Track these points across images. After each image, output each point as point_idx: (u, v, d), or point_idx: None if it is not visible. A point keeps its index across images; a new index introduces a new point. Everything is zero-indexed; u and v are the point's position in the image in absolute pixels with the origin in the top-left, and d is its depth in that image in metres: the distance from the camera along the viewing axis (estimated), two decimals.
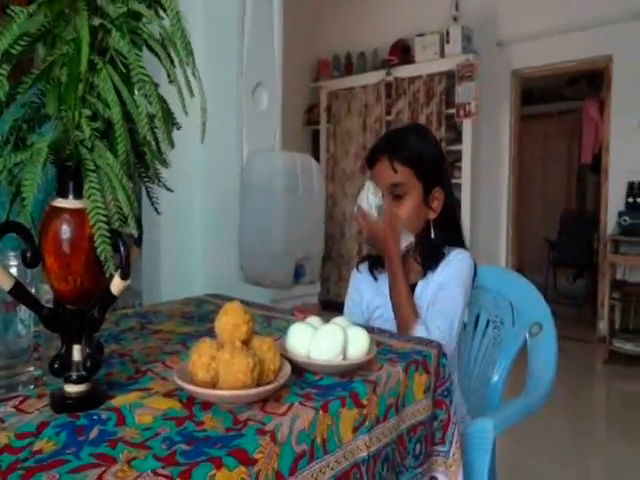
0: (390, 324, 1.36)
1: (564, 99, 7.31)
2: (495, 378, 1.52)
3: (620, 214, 4.40)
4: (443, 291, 1.30)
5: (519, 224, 5.34)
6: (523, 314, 1.53)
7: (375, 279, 1.46)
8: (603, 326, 4.50)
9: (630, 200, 4.42)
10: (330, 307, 3.95)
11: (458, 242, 1.40)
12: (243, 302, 1.36)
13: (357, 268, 1.51)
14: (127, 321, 1.18)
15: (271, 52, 2.95)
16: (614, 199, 4.61)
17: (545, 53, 4.85)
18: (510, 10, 5.01)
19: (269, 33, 2.95)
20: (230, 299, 1.40)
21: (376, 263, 1.46)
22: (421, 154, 1.34)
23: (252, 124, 2.79)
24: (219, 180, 2.67)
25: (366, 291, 1.47)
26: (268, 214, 2.57)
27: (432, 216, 1.36)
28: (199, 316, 1.23)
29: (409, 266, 1.39)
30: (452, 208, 1.41)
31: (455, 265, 1.33)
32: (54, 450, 0.60)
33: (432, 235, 1.36)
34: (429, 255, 1.36)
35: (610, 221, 4.62)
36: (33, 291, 0.80)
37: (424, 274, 1.37)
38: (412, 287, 1.36)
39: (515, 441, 2.43)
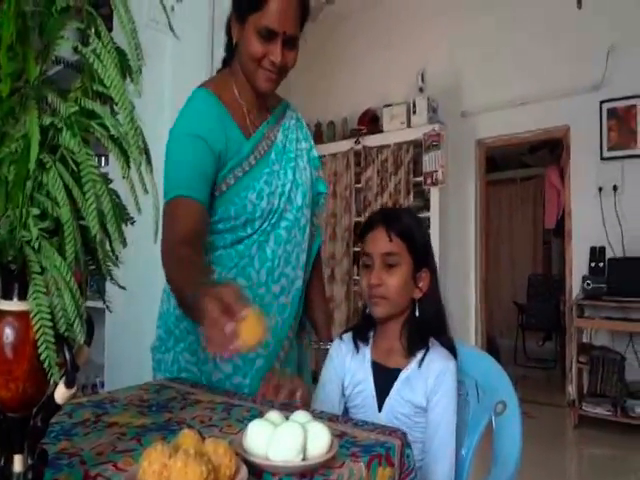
0: (371, 400, 1.37)
1: (527, 166, 7.55)
2: (463, 454, 1.49)
3: (584, 278, 4.48)
4: (439, 426, 1.32)
5: (488, 289, 5.39)
6: (488, 392, 1.52)
7: (357, 350, 1.45)
8: (572, 390, 4.50)
9: (593, 264, 4.51)
10: None
11: (442, 331, 1.42)
12: (206, 391, 1.32)
13: (340, 337, 1.50)
14: (81, 412, 1.12)
15: None
16: (578, 263, 4.70)
17: (507, 123, 5.04)
18: (473, 82, 5.23)
19: None
20: (193, 385, 1.36)
21: (360, 333, 1.46)
22: (414, 232, 1.41)
23: None
24: None
25: (348, 362, 1.46)
26: None
27: (418, 295, 1.40)
28: (157, 405, 1.18)
29: (393, 349, 1.40)
30: (437, 295, 1.44)
31: (448, 385, 1.33)
32: None
33: (417, 313, 1.39)
34: (415, 337, 1.37)
35: (575, 285, 4.69)
36: None
37: (407, 359, 1.37)
38: (394, 373, 1.37)
39: None
